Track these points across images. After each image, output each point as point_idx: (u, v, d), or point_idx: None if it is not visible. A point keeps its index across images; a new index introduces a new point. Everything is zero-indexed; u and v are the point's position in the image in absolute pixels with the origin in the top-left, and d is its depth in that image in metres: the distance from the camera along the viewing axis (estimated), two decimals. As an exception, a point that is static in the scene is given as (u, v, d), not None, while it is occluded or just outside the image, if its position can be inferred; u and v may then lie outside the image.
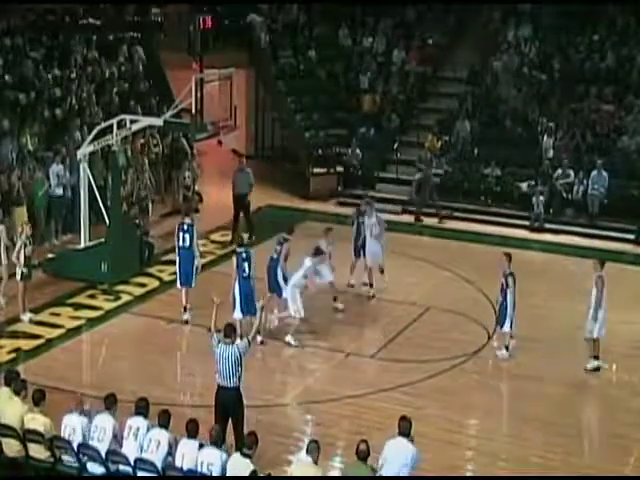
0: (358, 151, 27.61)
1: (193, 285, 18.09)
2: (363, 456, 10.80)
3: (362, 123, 28.71)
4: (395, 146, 27.98)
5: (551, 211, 24.95)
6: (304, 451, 11.09)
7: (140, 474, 11.12)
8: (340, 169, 27.70)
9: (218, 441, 11.05)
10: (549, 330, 17.99)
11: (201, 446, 11.11)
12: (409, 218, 25.49)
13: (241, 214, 23.32)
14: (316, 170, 27.68)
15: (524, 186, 25.42)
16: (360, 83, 29.94)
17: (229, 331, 12.94)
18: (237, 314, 16.39)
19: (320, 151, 28.21)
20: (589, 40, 28.98)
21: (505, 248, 23.03)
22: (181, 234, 18.12)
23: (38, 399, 11.78)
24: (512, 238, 23.80)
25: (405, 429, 11.14)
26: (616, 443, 14.26)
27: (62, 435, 11.60)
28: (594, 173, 24.92)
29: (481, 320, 18.35)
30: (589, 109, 26.94)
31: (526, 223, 24.77)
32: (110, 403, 11.67)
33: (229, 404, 12.74)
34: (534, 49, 29.22)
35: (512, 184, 25.70)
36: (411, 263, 22.05)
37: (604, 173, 24.84)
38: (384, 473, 10.98)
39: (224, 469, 10.82)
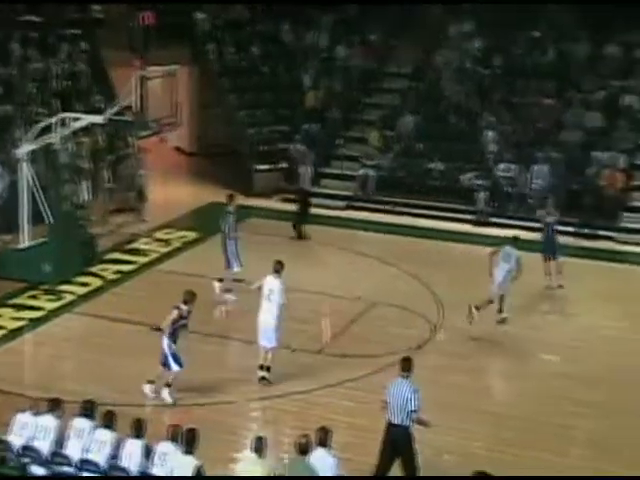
0: (302, 147, 27.59)
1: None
2: (303, 450, 10.79)
3: (306, 119, 28.70)
4: (339, 142, 28.00)
5: (494, 205, 25.14)
6: (250, 447, 11.06)
7: (84, 475, 11.03)
8: (284, 165, 27.68)
9: (176, 437, 10.97)
10: (495, 323, 18.11)
11: (147, 447, 11.05)
12: (354, 214, 25.55)
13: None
14: (260, 167, 27.64)
15: (467, 178, 25.61)
16: (303, 79, 29.92)
17: (407, 365, 12.49)
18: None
19: (264, 147, 28.16)
20: (530, 36, 29.23)
21: (449, 242, 23.42)
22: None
23: (-21, 401, 11.64)
24: (456, 232, 24.00)
25: (323, 440, 11.02)
26: (561, 433, 14.43)
27: (12, 430, 11.48)
28: (535, 167, 25.20)
29: (426, 315, 18.46)
30: (530, 104, 27.20)
31: (470, 217, 24.96)
32: (54, 406, 11.57)
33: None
34: (476, 44, 29.42)
35: (456, 179, 25.87)
36: (356, 259, 22.11)
37: (545, 167, 25.12)
38: None
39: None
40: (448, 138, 27.00)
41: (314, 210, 24.55)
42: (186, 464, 10.65)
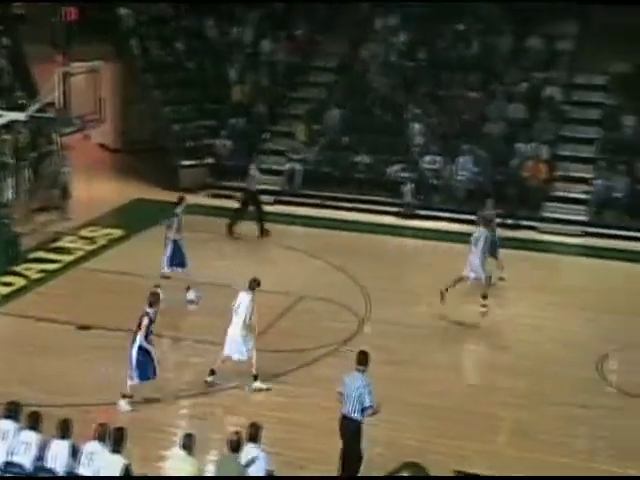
0: (227, 142, 27.49)
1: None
2: (234, 447, 10.76)
3: (232, 114, 28.59)
4: (266, 136, 27.96)
5: (420, 197, 25.32)
6: (179, 445, 11.01)
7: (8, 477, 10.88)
8: (210, 161, 27.55)
9: (104, 437, 10.87)
10: (423, 315, 18.26)
11: (74, 447, 10.93)
12: (281, 208, 25.54)
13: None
14: (186, 162, 27.47)
15: (393, 170, 25.75)
16: (229, 74, 29.80)
17: (362, 358, 12.52)
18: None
19: (190, 143, 28.00)
20: (454, 29, 29.45)
21: (375, 235, 23.57)
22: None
23: None
24: (382, 225, 24.14)
25: (253, 435, 10.99)
26: (485, 422, 14.58)
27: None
28: (461, 159, 25.44)
29: (353, 307, 18.53)
30: (455, 96, 27.44)
31: (397, 210, 25.10)
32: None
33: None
34: (401, 38, 29.55)
35: (382, 171, 25.99)
36: (283, 253, 22.13)
37: (471, 159, 25.38)
38: None
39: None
40: (374, 131, 27.11)
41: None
42: (113, 463, 10.55)
